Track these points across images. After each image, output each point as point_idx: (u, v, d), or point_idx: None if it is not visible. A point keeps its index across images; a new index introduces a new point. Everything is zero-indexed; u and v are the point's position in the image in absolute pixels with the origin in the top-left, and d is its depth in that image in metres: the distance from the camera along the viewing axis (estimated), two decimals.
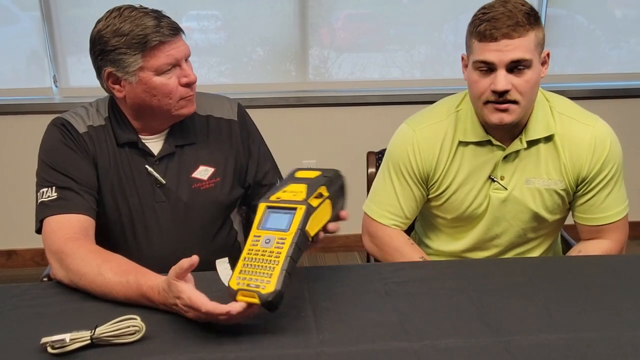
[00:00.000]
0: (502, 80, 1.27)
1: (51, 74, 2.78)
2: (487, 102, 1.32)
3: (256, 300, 0.95)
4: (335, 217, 1.13)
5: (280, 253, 0.99)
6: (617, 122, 1.51)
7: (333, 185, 1.11)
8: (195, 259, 1.00)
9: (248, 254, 1.01)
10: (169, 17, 1.30)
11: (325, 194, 1.08)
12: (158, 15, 1.28)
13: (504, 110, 1.30)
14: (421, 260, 1.45)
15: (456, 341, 1.00)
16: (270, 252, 0.99)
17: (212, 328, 1.02)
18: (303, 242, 1.01)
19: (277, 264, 0.97)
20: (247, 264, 0.99)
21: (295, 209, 1.03)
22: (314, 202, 1.05)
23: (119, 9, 1.28)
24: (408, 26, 2.89)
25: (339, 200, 1.14)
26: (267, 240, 1.01)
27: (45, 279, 1.36)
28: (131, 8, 1.28)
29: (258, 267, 0.98)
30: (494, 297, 1.14)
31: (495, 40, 1.26)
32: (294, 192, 1.07)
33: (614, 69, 3.02)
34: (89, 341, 0.96)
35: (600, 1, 2.93)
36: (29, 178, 1.34)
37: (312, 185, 1.08)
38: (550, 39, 2.93)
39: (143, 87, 1.28)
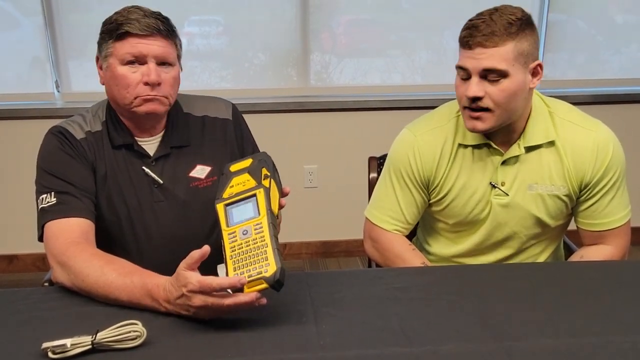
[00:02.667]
0: (472, 86, 1.29)
1: (53, 78, 2.79)
2: (465, 108, 1.33)
3: (265, 285, 0.99)
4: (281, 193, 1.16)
5: (264, 236, 1.02)
6: (617, 128, 1.51)
7: (268, 165, 1.14)
8: (206, 248, 1.03)
9: (232, 251, 1.03)
10: (162, 20, 1.31)
11: (268, 173, 1.11)
12: (148, 14, 1.30)
13: (477, 118, 1.32)
14: (423, 265, 1.45)
15: (458, 346, 0.99)
16: (254, 239, 1.02)
17: (212, 328, 1.02)
18: (274, 219, 1.06)
19: (267, 246, 1.01)
20: (237, 260, 1.02)
21: (254, 195, 1.07)
22: (266, 183, 1.09)
23: (130, 6, 1.34)
24: (409, 31, 2.90)
25: (277, 177, 1.17)
26: (244, 232, 1.04)
27: (46, 284, 1.36)
28: (136, 6, 1.32)
29: (250, 257, 1.01)
30: (496, 302, 1.14)
31: (470, 48, 1.28)
32: (241, 183, 1.10)
33: (615, 75, 3.02)
34: (90, 346, 0.96)
35: (601, 7, 2.94)
36: (30, 183, 1.35)
37: (253, 171, 1.11)
38: (551, 44, 2.94)
39: (109, 74, 1.32)
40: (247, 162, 1.14)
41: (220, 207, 1.08)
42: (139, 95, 1.30)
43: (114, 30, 1.29)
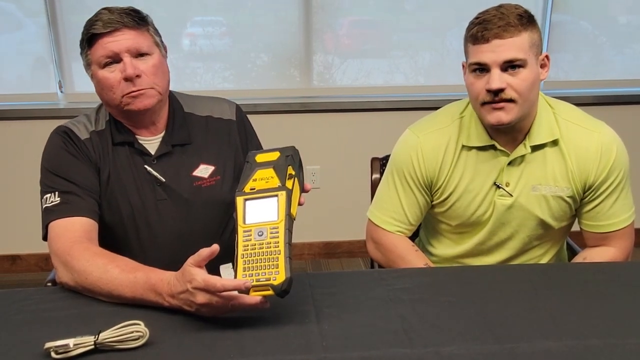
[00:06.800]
0: (496, 79, 1.28)
1: (56, 79, 2.79)
2: (484, 104, 1.32)
3: (270, 292, 0.99)
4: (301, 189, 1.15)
5: (279, 242, 1.01)
6: (621, 129, 1.50)
7: (295, 162, 1.12)
8: (215, 247, 1.02)
9: (244, 250, 1.02)
10: (127, 13, 1.31)
11: (293, 173, 1.09)
12: (113, 11, 1.30)
13: (501, 109, 1.31)
14: (425, 267, 1.45)
15: (460, 348, 0.99)
16: (268, 243, 1.01)
17: (214, 328, 1.02)
18: (291, 224, 1.04)
19: (279, 254, 1.00)
20: (248, 260, 1.01)
21: (276, 195, 1.05)
22: (289, 184, 1.07)
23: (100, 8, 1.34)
24: (412, 32, 2.90)
25: (301, 175, 1.15)
26: (259, 233, 1.03)
27: (49, 284, 1.36)
28: (105, 8, 1.32)
29: (261, 261, 1.00)
30: (498, 304, 1.14)
31: (487, 42, 1.28)
32: (264, 178, 1.08)
33: (618, 75, 3.02)
34: (93, 346, 0.96)
35: (605, 7, 2.94)
36: (33, 183, 1.35)
37: (279, 168, 1.09)
38: (555, 44, 2.94)
39: (95, 81, 1.34)
40: (274, 155, 1.12)
41: (239, 200, 1.07)
42: (124, 93, 1.31)
43: (84, 37, 1.31)
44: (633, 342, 1.01)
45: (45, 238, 1.28)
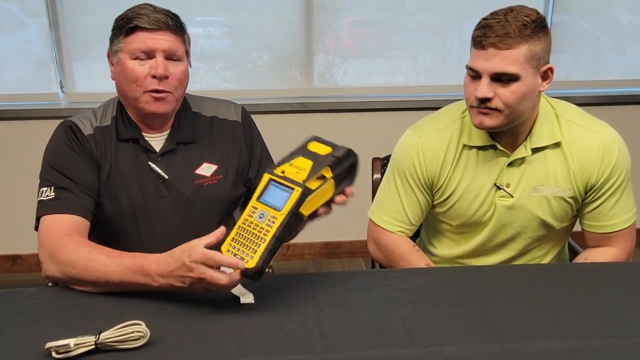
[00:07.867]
0: (483, 88, 1.28)
1: (57, 79, 2.79)
2: (472, 106, 1.33)
3: (237, 270, 1.03)
4: (340, 192, 1.13)
5: (269, 232, 1.03)
6: (622, 129, 1.50)
7: (340, 166, 1.10)
8: (222, 229, 1.06)
9: (243, 223, 1.06)
10: (171, 16, 1.34)
11: (328, 175, 1.08)
12: (157, 10, 1.33)
13: (485, 114, 1.31)
14: (426, 267, 1.45)
15: (461, 348, 0.99)
16: (261, 227, 1.04)
17: (215, 328, 1.02)
18: (294, 222, 1.05)
19: (263, 242, 1.03)
20: (240, 234, 1.05)
21: (292, 189, 1.06)
22: (313, 185, 1.06)
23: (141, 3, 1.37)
24: (412, 33, 2.90)
25: (346, 179, 1.14)
26: (261, 215, 1.05)
27: (50, 284, 1.36)
28: (147, 4, 1.35)
29: (247, 240, 1.04)
30: (500, 304, 1.14)
31: (484, 49, 1.27)
32: (298, 168, 1.09)
33: (620, 76, 3.02)
34: (94, 346, 0.96)
35: (606, 8, 2.93)
36: (34, 183, 1.36)
37: (316, 165, 1.09)
38: (556, 45, 2.91)
39: (120, 69, 1.34)
40: (325, 149, 1.12)
41: (266, 177, 1.08)
42: (147, 89, 1.32)
43: (124, 25, 1.32)
44: (634, 342, 1.01)
45: (37, 229, 1.30)
